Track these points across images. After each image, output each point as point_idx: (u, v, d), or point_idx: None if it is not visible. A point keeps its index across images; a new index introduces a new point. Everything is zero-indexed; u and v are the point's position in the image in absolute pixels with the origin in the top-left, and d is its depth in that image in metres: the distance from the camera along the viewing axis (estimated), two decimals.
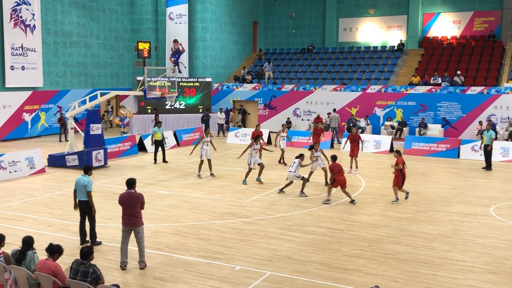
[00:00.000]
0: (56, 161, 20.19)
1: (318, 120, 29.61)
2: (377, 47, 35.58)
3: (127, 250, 9.88)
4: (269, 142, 26.81)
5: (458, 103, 27.78)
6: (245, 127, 31.00)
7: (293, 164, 15.74)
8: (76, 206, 11.10)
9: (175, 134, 26.13)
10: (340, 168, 14.74)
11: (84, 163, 18.89)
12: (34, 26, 28.20)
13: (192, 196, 15.63)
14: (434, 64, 31.63)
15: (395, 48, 34.41)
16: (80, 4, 31.44)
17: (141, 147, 23.94)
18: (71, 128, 20.92)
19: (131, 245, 10.00)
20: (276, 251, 10.79)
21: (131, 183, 9.91)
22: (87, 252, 7.62)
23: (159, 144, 21.33)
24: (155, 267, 9.87)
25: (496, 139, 20.61)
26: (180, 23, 34.15)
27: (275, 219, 13.20)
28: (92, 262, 7.64)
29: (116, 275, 9.47)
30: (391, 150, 24.33)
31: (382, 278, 9.43)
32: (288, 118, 31.05)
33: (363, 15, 36.76)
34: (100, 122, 20.33)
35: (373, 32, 36.62)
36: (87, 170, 11.09)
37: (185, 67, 34.46)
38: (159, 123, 21.89)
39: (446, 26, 34.53)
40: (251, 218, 13.24)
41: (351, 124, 28.40)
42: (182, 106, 32.31)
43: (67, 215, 13.37)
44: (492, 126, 22.61)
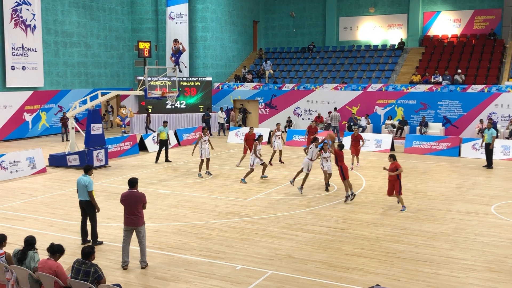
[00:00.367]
0: (57, 161, 20.20)
1: (318, 119, 29.65)
2: (377, 45, 35.57)
3: (129, 250, 9.89)
4: (269, 141, 26.79)
5: (458, 102, 27.76)
6: (245, 126, 31.00)
7: (310, 151, 15.95)
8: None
9: (175, 134, 26.15)
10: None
11: (85, 162, 18.92)
12: (35, 26, 28.21)
13: (193, 195, 15.63)
14: (434, 62, 31.61)
15: (396, 46, 34.39)
16: (80, 4, 31.45)
17: (142, 147, 23.95)
18: (72, 128, 20.93)
19: (133, 244, 10.01)
20: (277, 250, 10.80)
21: (133, 182, 9.91)
22: (88, 252, 7.63)
23: (164, 144, 21.35)
24: (157, 267, 9.88)
25: (497, 137, 20.59)
26: (181, 22, 34.16)
27: (276, 218, 13.21)
28: (94, 262, 7.65)
29: (117, 275, 9.48)
30: (392, 149, 24.34)
31: (383, 277, 9.43)
32: (289, 117, 31.05)
33: (363, 13, 36.75)
34: (101, 122, 20.34)
35: (373, 31, 36.61)
36: (87, 170, 11.09)
37: (185, 67, 34.46)
38: (164, 122, 21.88)
39: (447, 24, 34.51)
40: (252, 217, 13.25)
41: (351, 123, 28.44)
42: (183, 105, 32.31)
43: (68, 214, 13.39)
44: (493, 125, 22.60)
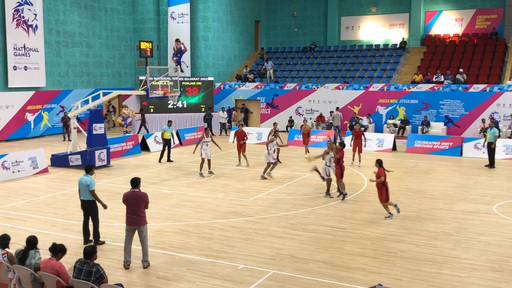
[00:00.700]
0: (59, 160, 20.23)
1: (320, 118, 29.63)
2: (379, 45, 35.53)
3: (131, 250, 9.90)
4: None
5: (460, 101, 27.72)
6: (247, 126, 31.01)
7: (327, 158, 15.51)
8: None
9: (177, 133, 26.16)
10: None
11: (87, 162, 18.93)
12: (36, 26, 28.24)
13: (195, 195, 15.64)
14: (436, 62, 31.58)
15: (397, 46, 34.36)
16: (82, 4, 31.48)
17: (144, 147, 23.97)
18: (74, 128, 20.96)
19: (134, 244, 10.01)
20: (279, 250, 10.79)
21: (135, 182, 9.92)
22: (90, 252, 7.63)
23: (167, 143, 21.38)
24: (159, 266, 9.89)
25: (499, 136, 20.56)
26: (182, 22, 34.17)
27: (278, 218, 13.20)
28: (96, 262, 7.66)
29: (119, 274, 9.49)
30: (394, 148, 24.33)
31: (385, 276, 9.43)
32: (291, 117, 31.04)
33: (365, 13, 36.73)
34: (102, 121, 20.36)
35: (375, 30, 36.58)
36: (88, 170, 11.11)
37: (187, 66, 34.48)
38: (169, 122, 21.92)
39: (448, 24, 34.46)
40: (254, 217, 13.25)
41: (353, 123, 28.42)
42: (185, 105, 32.32)
43: (70, 214, 13.40)
44: (495, 124, 22.57)
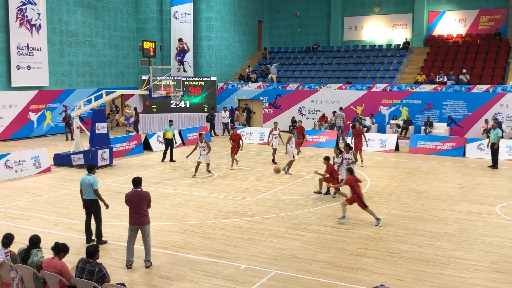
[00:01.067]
0: (62, 160, 20.26)
1: (323, 119, 29.61)
2: (382, 45, 35.50)
3: (133, 249, 9.91)
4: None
5: (463, 102, 27.67)
6: (250, 126, 31.01)
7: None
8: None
9: (180, 133, 26.17)
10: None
11: (90, 162, 18.94)
12: (40, 26, 28.29)
13: (197, 195, 15.64)
14: (439, 62, 31.53)
15: (401, 46, 34.31)
16: (85, 3, 31.52)
17: (146, 146, 23.99)
18: (77, 127, 20.99)
19: (137, 244, 10.02)
20: (281, 250, 10.79)
21: (137, 181, 9.95)
22: (93, 251, 7.64)
23: (169, 143, 21.39)
24: (161, 266, 9.90)
25: (502, 137, 20.52)
26: (185, 22, 34.19)
27: (280, 218, 13.20)
28: (98, 261, 7.66)
29: (121, 274, 9.50)
30: (397, 149, 24.29)
31: (388, 277, 9.41)
32: (293, 117, 31.02)
33: (368, 13, 36.69)
34: (105, 121, 20.38)
35: (378, 31, 36.54)
36: (91, 169, 11.13)
37: (190, 66, 34.49)
38: (170, 121, 21.93)
39: (452, 24, 34.40)
40: (256, 217, 13.24)
41: (356, 123, 28.39)
42: (187, 105, 32.34)
43: (73, 214, 13.42)
44: (498, 125, 22.52)
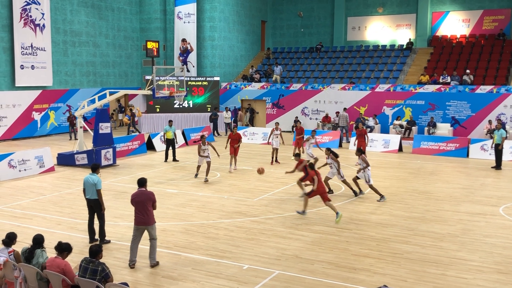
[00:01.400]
0: (65, 159, 20.30)
1: (326, 119, 29.60)
2: (385, 45, 35.45)
3: (137, 249, 9.94)
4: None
5: (467, 102, 27.62)
6: (253, 126, 31.03)
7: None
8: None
9: (183, 133, 26.20)
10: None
11: (93, 161, 18.97)
12: (44, 26, 28.35)
13: (200, 195, 15.66)
14: (443, 63, 31.47)
15: (404, 47, 34.27)
16: (89, 3, 31.58)
17: (149, 146, 24.02)
18: (81, 127, 21.03)
19: (141, 243, 10.04)
20: (284, 250, 10.79)
21: (142, 182, 10.01)
22: (96, 251, 7.66)
23: (170, 143, 21.41)
24: (164, 266, 9.91)
25: (506, 138, 20.48)
26: (189, 22, 34.22)
27: (283, 218, 13.20)
28: (101, 261, 7.68)
29: (124, 273, 9.52)
30: (400, 149, 24.27)
31: (390, 278, 9.41)
32: (296, 117, 31.01)
33: (371, 13, 36.65)
34: (109, 121, 20.42)
35: (381, 31, 36.49)
36: (95, 169, 11.15)
37: (193, 66, 34.52)
38: (170, 121, 21.95)
39: (456, 24, 34.33)
40: (259, 217, 13.25)
41: (359, 123, 28.36)
42: (190, 105, 32.36)
43: (76, 213, 13.45)
44: (502, 125, 22.47)
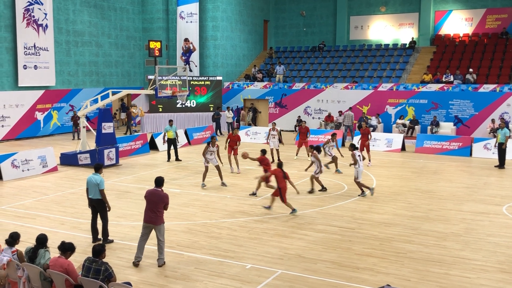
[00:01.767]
0: (68, 159, 20.33)
1: (329, 118, 29.57)
2: (388, 44, 35.41)
3: (144, 247, 9.99)
4: (279, 141, 26.79)
5: (470, 101, 27.56)
6: (256, 126, 31.02)
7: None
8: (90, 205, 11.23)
9: (186, 133, 26.21)
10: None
11: (96, 161, 19.00)
12: (46, 26, 28.40)
13: (203, 194, 15.66)
14: (446, 61, 31.41)
15: (407, 45, 34.21)
16: (92, 3, 31.62)
17: (152, 146, 24.04)
18: (83, 127, 21.06)
19: (149, 243, 10.08)
20: (287, 250, 10.79)
21: (159, 181, 10.04)
22: (99, 250, 7.67)
23: (172, 142, 21.41)
24: (167, 265, 9.91)
25: (509, 137, 20.43)
26: (191, 22, 34.22)
27: (286, 217, 13.20)
28: (104, 260, 7.69)
29: (128, 273, 9.52)
30: (403, 148, 24.23)
31: (394, 277, 9.39)
32: (299, 117, 31.00)
33: (374, 12, 36.61)
34: (112, 120, 20.43)
35: (384, 30, 36.45)
36: (98, 169, 11.17)
37: (196, 66, 34.53)
38: (170, 121, 21.97)
39: (458, 23, 34.25)
40: (262, 217, 13.25)
41: (362, 122, 28.31)
42: (193, 105, 32.38)
43: (79, 213, 13.47)
44: (505, 124, 22.41)
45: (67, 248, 7.85)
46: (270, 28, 40.25)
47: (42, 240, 8.15)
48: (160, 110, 31.35)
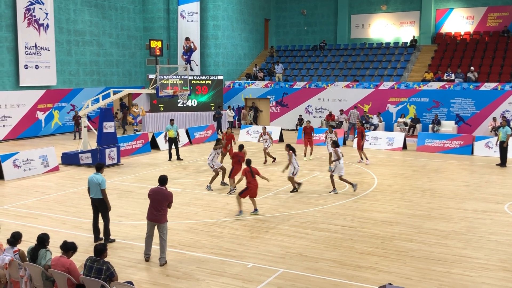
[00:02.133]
0: (70, 159, 20.34)
1: (330, 117, 29.55)
2: (389, 43, 35.38)
3: (151, 243, 10.04)
4: (281, 139, 26.87)
5: (471, 100, 27.54)
6: (257, 125, 31.02)
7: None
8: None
9: (187, 132, 26.22)
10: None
11: (98, 161, 19.01)
12: (48, 25, 28.41)
13: (204, 193, 15.67)
14: (447, 60, 31.38)
15: (408, 44, 34.19)
16: (93, 3, 31.63)
17: (153, 145, 24.05)
18: (85, 127, 21.07)
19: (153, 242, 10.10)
20: (288, 249, 10.79)
21: (163, 180, 10.09)
22: (100, 250, 7.67)
23: (173, 142, 21.40)
24: (168, 264, 9.92)
25: (510, 135, 20.41)
26: (192, 21, 34.22)
27: (287, 216, 13.20)
28: (106, 259, 7.69)
29: (129, 272, 9.53)
30: (404, 147, 24.21)
31: (395, 276, 9.39)
32: (300, 115, 31.00)
33: (375, 11, 36.58)
34: (113, 120, 20.43)
35: (385, 28, 36.41)
36: (99, 168, 11.17)
37: (197, 65, 34.53)
38: (171, 120, 21.96)
39: (460, 21, 34.22)
40: (263, 216, 13.24)
41: (363, 121, 28.34)
42: (194, 104, 32.39)
43: (81, 212, 13.48)
44: (507, 123, 22.37)
45: (69, 248, 7.85)
46: (271, 27, 40.23)
47: (42, 240, 8.13)
48: (161, 109, 31.36)
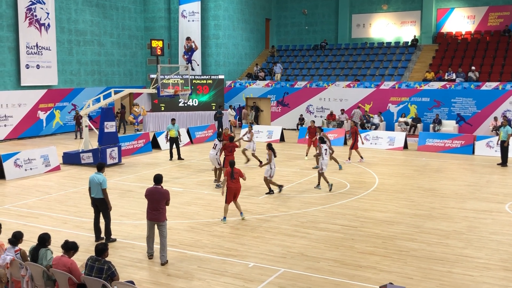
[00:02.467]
0: (71, 158, 20.36)
1: (331, 117, 29.55)
2: (390, 43, 35.36)
3: (153, 242, 10.08)
4: (282, 139, 26.89)
5: (472, 99, 27.52)
6: (258, 124, 31.03)
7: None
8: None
9: (188, 132, 26.23)
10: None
11: (99, 160, 19.03)
12: (49, 25, 28.43)
13: (205, 193, 15.68)
14: (448, 59, 31.36)
15: (409, 43, 34.18)
16: (94, 2, 31.64)
17: (154, 145, 24.06)
18: (86, 126, 21.09)
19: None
20: (289, 248, 10.79)
21: (158, 179, 10.12)
22: (102, 249, 7.68)
23: (174, 141, 21.40)
24: (169, 264, 9.93)
25: (511, 135, 20.41)
26: (193, 20, 34.23)
27: (288, 216, 13.20)
28: (107, 259, 7.70)
29: (130, 272, 9.54)
30: (405, 146, 24.21)
31: (396, 275, 9.39)
32: (301, 115, 31.00)
33: (376, 11, 36.56)
34: (114, 119, 20.46)
35: (386, 28, 36.39)
36: (100, 168, 11.18)
37: (198, 65, 34.54)
38: (172, 120, 21.96)
39: (461, 21, 34.19)
40: (264, 215, 13.25)
41: (364, 121, 28.35)
42: (195, 103, 32.40)
43: (82, 212, 13.50)
44: (508, 122, 22.37)
45: (70, 247, 7.86)
46: (272, 27, 40.23)
47: (43, 239, 8.14)
48: (162, 109, 31.37)
